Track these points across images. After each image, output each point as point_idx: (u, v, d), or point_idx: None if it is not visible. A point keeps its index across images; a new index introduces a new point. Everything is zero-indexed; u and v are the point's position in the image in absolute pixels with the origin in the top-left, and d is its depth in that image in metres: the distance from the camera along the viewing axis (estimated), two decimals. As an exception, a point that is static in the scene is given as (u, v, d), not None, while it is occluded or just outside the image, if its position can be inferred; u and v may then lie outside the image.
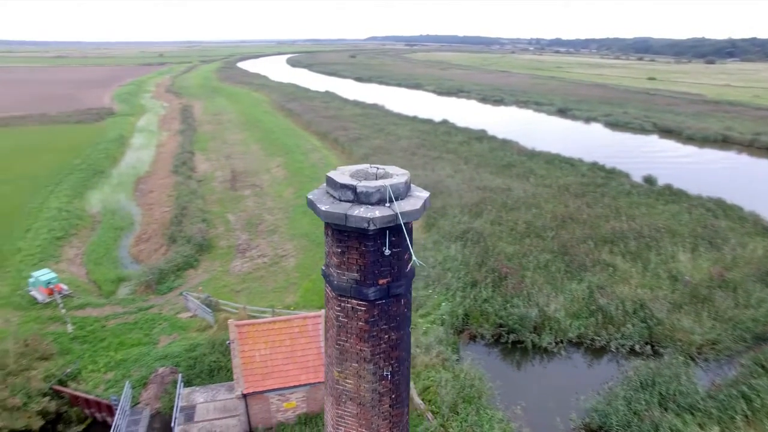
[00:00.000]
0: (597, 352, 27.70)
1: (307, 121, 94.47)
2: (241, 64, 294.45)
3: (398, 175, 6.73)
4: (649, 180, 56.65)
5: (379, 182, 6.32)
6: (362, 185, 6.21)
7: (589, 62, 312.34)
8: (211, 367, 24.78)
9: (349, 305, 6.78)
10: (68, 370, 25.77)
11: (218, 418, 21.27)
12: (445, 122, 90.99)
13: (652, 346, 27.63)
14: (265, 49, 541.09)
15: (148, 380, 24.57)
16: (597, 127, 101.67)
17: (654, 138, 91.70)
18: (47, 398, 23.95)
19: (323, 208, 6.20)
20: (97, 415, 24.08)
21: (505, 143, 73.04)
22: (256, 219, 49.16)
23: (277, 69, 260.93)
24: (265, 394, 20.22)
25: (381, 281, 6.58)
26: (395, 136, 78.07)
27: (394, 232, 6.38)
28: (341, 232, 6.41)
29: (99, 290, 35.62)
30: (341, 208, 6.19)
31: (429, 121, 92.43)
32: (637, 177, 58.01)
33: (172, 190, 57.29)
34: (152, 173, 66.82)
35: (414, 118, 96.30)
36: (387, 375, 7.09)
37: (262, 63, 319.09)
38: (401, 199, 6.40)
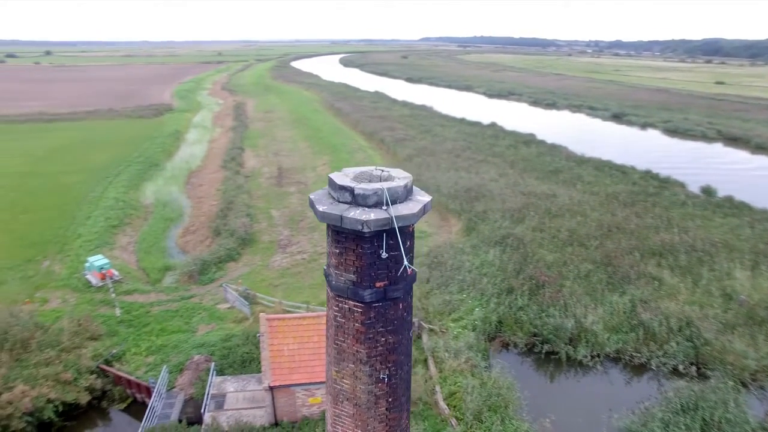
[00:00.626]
0: (636, 369, 26.48)
1: (354, 120, 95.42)
2: (295, 63, 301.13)
3: (399, 178, 6.71)
4: (708, 191, 53.56)
5: (377, 185, 6.32)
6: (360, 187, 6.23)
7: (650, 65, 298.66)
8: (244, 358, 25.51)
9: (346, 306, 6.83)
10: (114, 351, 27.25)
11: (246, 408, 21.88)
12: (493, 125, 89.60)
13: (698, 368, 26.07)
14: (319, 49, 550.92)
15: (185, 366, 25.58)
16: (654, 134, 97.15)
17: (717, 146, 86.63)
18: (94, 376, 25.47)
19: (320, 209, 6.27)
20: (137, 396, 25.33)
21: (554, 148, 71.06)
22: (299, 216, 50.10)
23: (329, 68, 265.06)
24: (291, 387, 20.62)
25: (378, 284, 6.57)
26: (441, 137, 77.56)
27: (392, 235, 6.36)
28: (339, 233, 6.45)
29: (147, 277, 37.39)
30: (338, 209, 6.23)
31: (477, 124, 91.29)
32: (694, 187, 55.02)
33: (221, 184, 59.33)
34: (203, 167, 69.45)
35: (462, 120, 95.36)
36: (384, 378, 7.08)
37: (315, 62, 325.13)
38: (399, 203, 6.37)
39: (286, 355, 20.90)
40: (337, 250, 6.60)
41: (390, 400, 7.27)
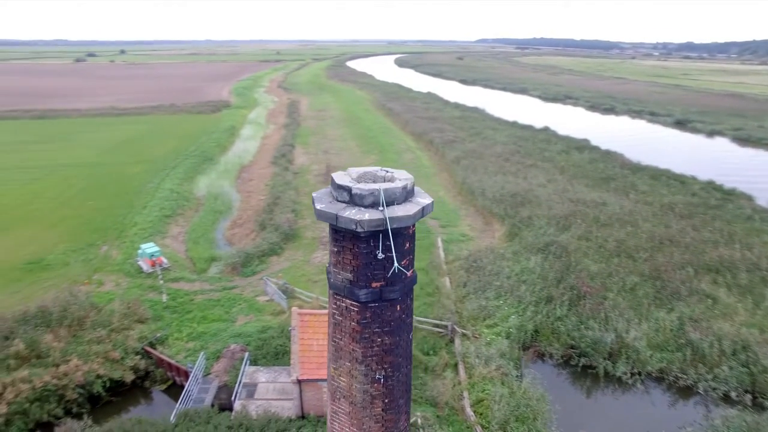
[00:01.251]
0: (681, 391, 25.00)
1: (405, 120, 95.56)
2: (350, 63, 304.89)
3: (400, 179, 6.68)
4: (780, 205, 49.83)
5: (374, 185, 6.32)
6: (357, 187, 6.26)
7: (725, 69, 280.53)
8: (277, 350, 26.11)
9: (343, 304, 6.88)
10: (158, 335, 28.62)
11: (275, 399, 22.41)
12: (545, 129, 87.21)
13: (754, 397, 24.20)
14: (376, 49, 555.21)
15: (221, 354, 26.51)
16: (722, 142, 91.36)
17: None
18: (139, 357, 26.87)
19: (318, 207, 6.35)
20: (176, 379, 26.46)
21: (608, 155, 68.24)
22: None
23: (383, 69, 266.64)
24: (319, 382, 20.91)
25: (374, 284, 6.58)
26: (491, 140, 76.32)
27: (387, 236, 6.34)
28: (337, 231, 6.51)
29: (193, 267, 38.97)
30: (335, 208, 6.29)
31: (528, 127, 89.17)
32: (763, 200, 51.31)
33: (270, 180, 60.98)
34: (254, 163, 71.61)
35: (513, 124, 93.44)
36: (380, 378, 7.07)
37: (370, 62, 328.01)
38: (397, 204, 6.35)
39: (315, 350, 21.22)
40: (336, 249, 6.66)
41: (386, 401, 7.25)
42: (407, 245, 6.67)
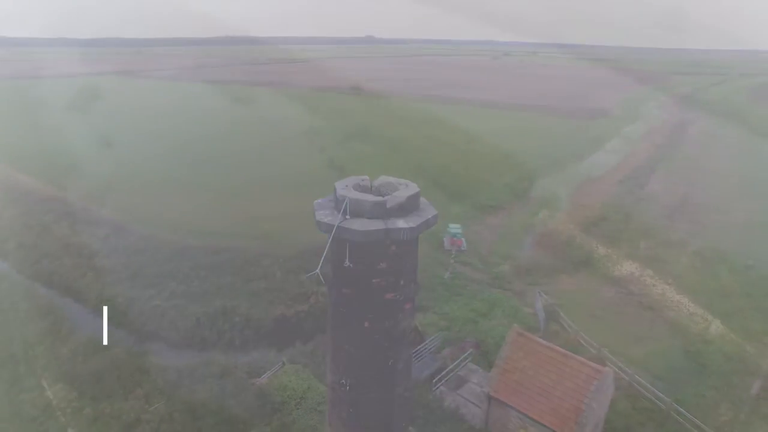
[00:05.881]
0: None
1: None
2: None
3: (389, 195, 6.45)
4: None
5: (351, 193, 6.40)
6: (340, 193, 6.50)
7: None
8: (500, 362, 25.69)
9: (331, 298, 7.27)
10: (424, 303, 32.26)
11: (471, 402, 22.50)
12: None
13: None
14: None
15: (456, 343, 27.98)
16: None
17: None
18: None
19: (315, 202, 6.92)
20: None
21: None
22: (667, 256, 43.33)
23: None
24: (507, 407, 19.90)
25: (344, 290, 6.72)
26: None
27: (351, 246, 6.36)
28: (330, 230, 6.92)
29: (487, 258, 41.05)
30: (323, 206, 6.73)
31: None
32: None
33: (608, 199, 56.91)
34: (602, 178, 67.53)
35: None
36: (344, 383, 7.18)
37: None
38: (366, 218, 6.26)
39: (517, 375, 20.15)
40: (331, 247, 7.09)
41: (350, 410, 7.26)
42: (382, 264, 6.44)
